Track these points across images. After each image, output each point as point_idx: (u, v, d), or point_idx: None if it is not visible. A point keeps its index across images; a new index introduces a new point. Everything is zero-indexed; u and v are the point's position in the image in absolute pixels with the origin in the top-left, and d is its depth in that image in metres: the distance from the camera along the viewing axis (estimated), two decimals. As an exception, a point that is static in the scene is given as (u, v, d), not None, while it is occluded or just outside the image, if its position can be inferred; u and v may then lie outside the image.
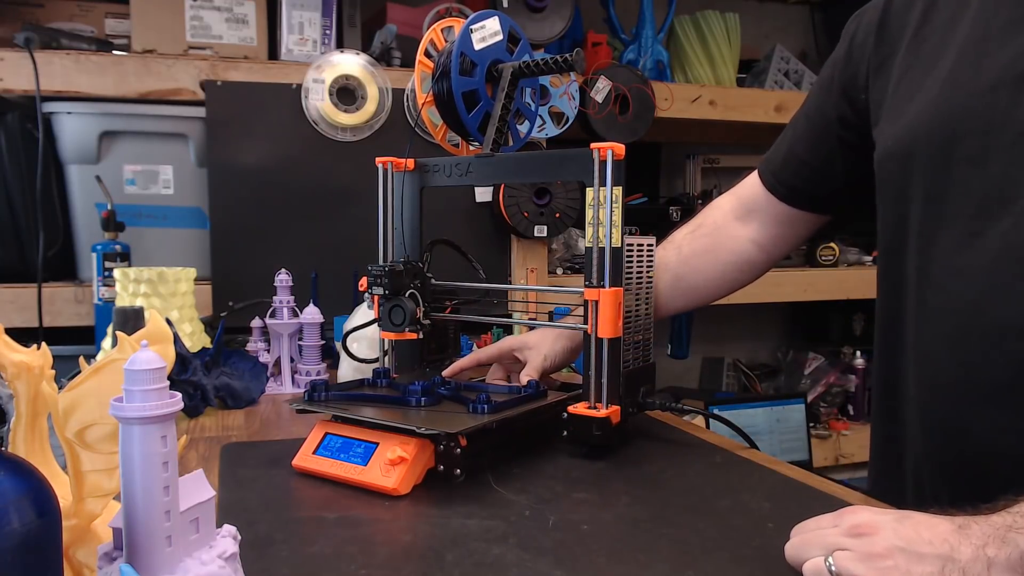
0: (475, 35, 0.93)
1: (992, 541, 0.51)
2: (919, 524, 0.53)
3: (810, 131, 0.93)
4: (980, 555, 0.50)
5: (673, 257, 1.05)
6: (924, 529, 0.53)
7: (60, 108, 1.45)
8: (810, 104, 0.94)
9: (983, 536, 0.51)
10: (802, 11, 2.53)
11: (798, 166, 0.95)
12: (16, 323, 1.41)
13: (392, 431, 0.78)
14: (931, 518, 0.54)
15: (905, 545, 0.52)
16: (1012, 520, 0.51)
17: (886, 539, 0.53)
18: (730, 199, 1.05)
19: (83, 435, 0.51)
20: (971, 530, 0.52)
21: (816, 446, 1.97)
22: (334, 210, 1.56)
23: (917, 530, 0.53)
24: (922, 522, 0.54)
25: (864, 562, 0.52)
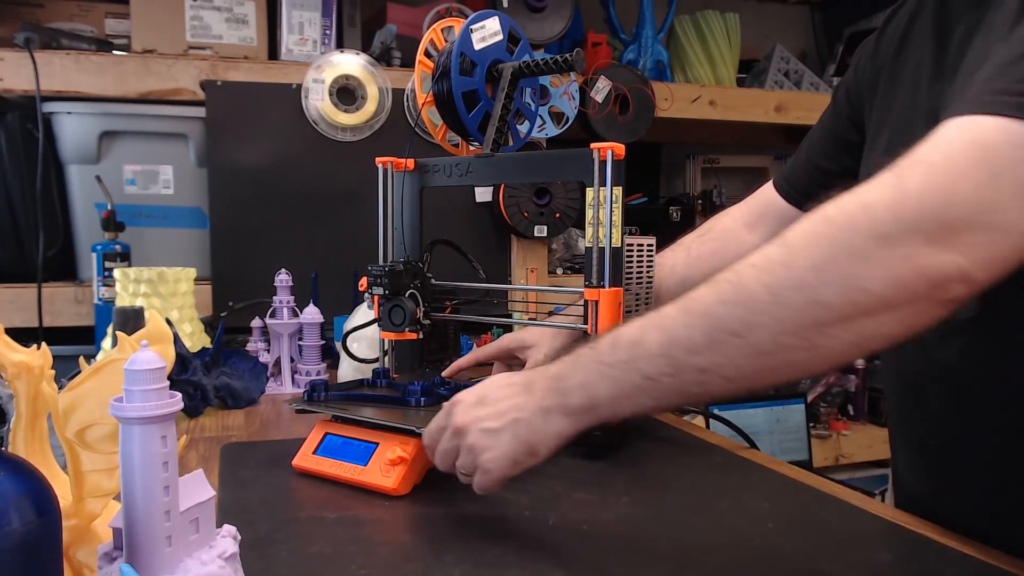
0: (475, 35, 0.93)
1: (548, 394, 0.60)
2: (496, 400, 0.63)
3: (825, 141, 0.93)
4: (538, 407, 0.60)
5: (682, 259, 1.04)
6: (498, 402, 0.63)
7: (60, 108, 1.45)
8: (825, 120, 0.94)
9: (543, 391, 0.61)
10: (802, 11, 2.53)
11: (813, 172, 0.93)
12: (16, 323, 1.41)
13: (392, 431, 0.78)
14: (506, 387, 0.64)
15: (486, 425, 0.62)
16: (560, 369, 0.60)
17: (473, 434, 0.63)
18: (741, 207, 1.04)
19: (83, 435, 0.51)
20: (534, 387, 0.62)
21: (816, 446, 1.97)
22: (334, 210, 1.55)
23: (495, 406, 0.63)
24: (498, 397, 0.63)
25: (469, 457, 0.63)
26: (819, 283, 0.48)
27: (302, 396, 0.87)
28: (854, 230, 0.47)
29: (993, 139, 0.47)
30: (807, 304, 0.48)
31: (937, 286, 0.46)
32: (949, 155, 0.47)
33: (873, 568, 0.61)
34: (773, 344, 0.49)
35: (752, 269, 0.51)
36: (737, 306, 0.50)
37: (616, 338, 0.57)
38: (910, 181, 0.47)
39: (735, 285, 0.51)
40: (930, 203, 0.46)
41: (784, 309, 0.48)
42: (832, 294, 0.47)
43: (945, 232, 0.46)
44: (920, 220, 0.46)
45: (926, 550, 0.64)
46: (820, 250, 0.48)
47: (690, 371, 0.53)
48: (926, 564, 0.62)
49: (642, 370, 0.55)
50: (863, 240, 0.47)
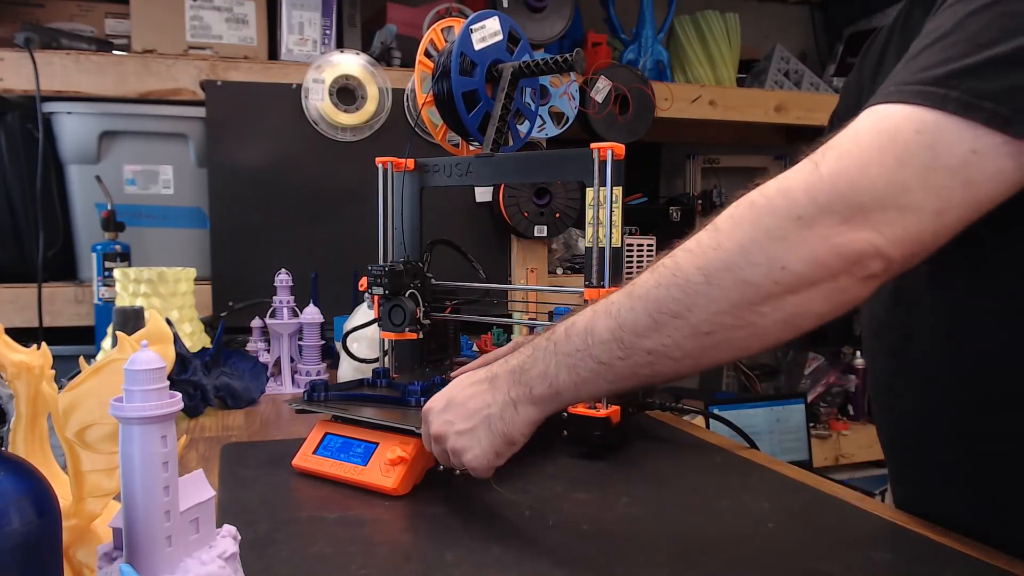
0: (475, 35, 0.93)
1: (512, 387, 0.64)
2: (464, 401, 0.67)
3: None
4: (506, 400, 0.64)
5: None
6: (467, 399, 0.66)
7: (60, 108, 1.45)
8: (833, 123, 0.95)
9: (506, 383, 0.64)
10: (802, 11, 2.53)
11: None
12: (16, 323, 1.41)
13: (392, 431, 0.78)
14: (471, 386, 0.67)
15: (459, 428, 0.66)
16: (521, 362, 0.64)
17: (450, 439, 0.67)
18: None
19: (83, 435, 0.51)
20: (498, 382, 0.65)
21: (816, 446, 1.97)
22: (334, 210, 1.55)
23: (465, 407, 0.66)
24: (465, 398, 0.67)
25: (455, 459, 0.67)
26: (746, 264, 0.51)
27: (302, 396, 0.88)
28: (775, 213, 0.51)
29: (899, 126, 0.50)
30: (737, 284, 0.51)
31: (854, 263, 0.50)
32: (859, 142, 0.51)
33: (873, 568, 0.61)
34: (711, 324, 0.53)
35: (687, 254, 0.54)
36: (675, 288, 0.54)
37: (570, 328, 0.61)
38: (824, 166, 0.50)
39: (672, 270, 0.55)
40: (842, 186, 0.49)
41: (717, 289, 0.52)
42: (758, 274, 0.51)
43: (857, 213, 0.49)
44: (833, 202, 0.49)
45: (926, 550, 0.64)
46: (744, 233, 0.52)
47: (639, 353, 0.56)
48: (926, 564, 0.62)
49: (596, 356, 0.58)
50: (783, 222, 0.50)
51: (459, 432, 0.66)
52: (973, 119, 0.49)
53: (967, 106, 0.49)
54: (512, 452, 0.66)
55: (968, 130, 0.49)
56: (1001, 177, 0.49)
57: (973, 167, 0.49)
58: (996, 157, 0.49)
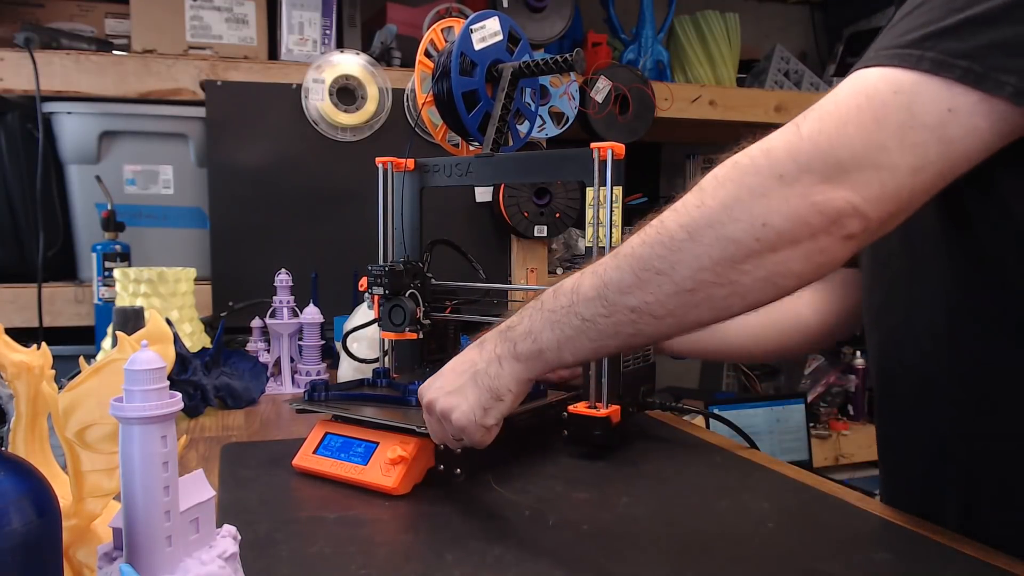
0: (475, 35, 0.93)
1: (498, 343, 0.66)
2: (452, 368, 0.69)
3: None
4: (492, 356, 0.66)
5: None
6: (455, 364, 0.69)
7: (60, 108, 1.45)
8: None
9: (492, 342, 0.66)
10: (802, 11, 2.53)
11: None
12: (16, 323, 1.41)
13: (392, 431, 0.78)
14: (461, 355, 0.70)
15: (448, 388, 0.68)
16: (509, 321, 0.66)
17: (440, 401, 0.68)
18: None
19: (83, 435, 0.51)
20: (485, 342, 0.67)
21: (816, 446, 1.97)
22: (334, 210, 1.56)
23: (453, 370, 0.69)
24: (453, 364, 0.69)
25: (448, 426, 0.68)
26: (728, 220, 0.52)
27: (302, 396, 0.88)
28: (757, 172, 0.52)
29: (876, 87, 0.52)
30: (719, 240, 0.53)
31: (833, 221, 0.51)
32: (839, 103, 0.52)
33: (873, 568, 0.61)
34: (693, 281, 0.54)
35: (672, 213, 0.56)
36: (660, 246, 0.55)
37: (558, 288, 0.62)
38: (805, 127, 0.52)
39: (657, 228, 0.56)
40: (822, 145, 0.51)
41: (700, 246, 0.53)
42: (740, 230, 0.52)
43: (836, 171, 0.50)
44: (813, 161, 0.51)
45: (926, 550, 0.64)
46: (727, 191, 0.53)
47: (623, 311, 0.57)
48: (926, 564, 0.62)
49: (580, 313, 0.60)
50: (764, 180, 0.52)
51: (448, 392, 0.68)
52: (948, 77, 0.50)
53: (942, 64, 0.50)
54: (502, 409, 0.66)
55: (944, 89, 0.50)
56: (976, 135, 0.50)
57: (950, 124, 0.50)
58: (971, 115, 0.50)
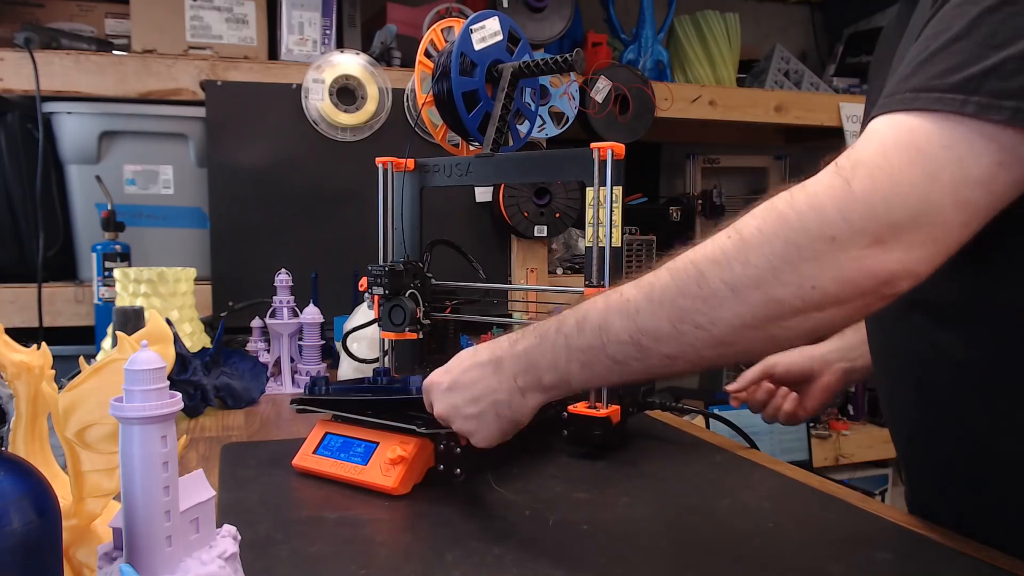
0: (475, 35, 0.93)
1: (520, 374, 0.64)
2: (469, 385, 0.67)
3: None
4: (514, 387, 0.65)
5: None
6: (472, 386, 0.67)
7: (60, 108, 1.45)
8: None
9: (513, 372, 0.65)
10: (802, 11, 2.53)
11: None
12: (16, 323, 1.41)
13: (392, 431, 0.78)
14: (475, 367, 0.67)
15: (466, 412, 0.67)
16: (528, 349, 0.64)
17: (457, 421, 0.68)
18: None
19: (83, 435, 0.51)
20: (503, 366, 0.65)
21: (816, 446, 1.97)
22: (334, 210, 1.56)
23: (470, 391, 0.67)
24: (470, 381, 0.67)
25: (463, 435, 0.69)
26: (776, 282, 0.51)
27: (303, 392, 0.87)
28: (806, 231, 0.50)
29: (926, 140, 0.50)
30: (765, 301, 0.52)
31: (884, 282, 0.50)
32: (888, 156, 0.50)
33: (873, 568, 0.61)
34: (733, 335, 0.53)
35: (713, 265, 0.53)
36: (700, 300, 0.54)
37: (582, 321, 0.60)
38: (856, 184, 0.50)
39: (696, 280, 0.54)
40: (876, 207, 0.49)
41: (743, 305, 0.52)
42: (788, 293, 0.51)
43: (890, 232, 0.49)
44: (867, 223, 0.49)
45: (926, 550, 0.64)
46: (774, 249, 0.51)
47: (657, 356, 0.57)
48: (926, 564, 0.62)
49: (612, 355, 0.58)
50: (814, 242, 0.50)
51: (466, 416, 0.67)
52: (996, 121, 0.49)
53: (989, 107, 0.49)
54: (517, 431, 0.68)
55: (993, 139, 0.49)
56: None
57: (999, 176, 0.49)
58: (1021, 161, 0.49)
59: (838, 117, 2.02)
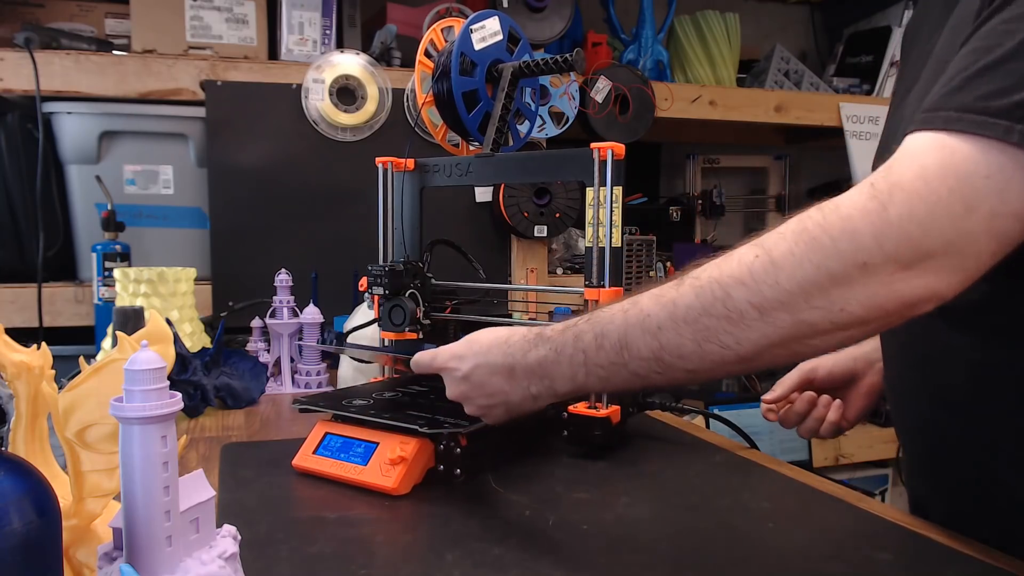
0: (475, 35, 0.93)
1: (533, 382, 0.65)
2: (482, 383, 0.68)
3: None
4: (527, 395, 0.65)
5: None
6: (484, 384, 0.68)
7: (60, 108, 1.45)
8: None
9: (527, 379, 0.65)
10: (802, 11, 2.53)
11: None
12: (16, 323, 1.41)
13: (392, 431, 0.78)
14: (488, 365, 0.67)
15: (478, 403, 0.69)
16: (543, 360, 0.63)
17: (468, 405, 0.70)
18: None
19: (83, 435, 0.51)
20: (516, 375, 0.65)
21: (816, 446, 1.97)
22: (334, 210, 1.56)
23: (482, 389, 0.68)
24: (483, 379, 0.68)
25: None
26: (806, 306, 0.51)
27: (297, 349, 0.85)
28: (839, 257, 0.50)
29: (966, 168, 0.49)
30: (794, 323, 0.52)
31: (910, 306, 0.50)
32: (928, 182, 0.49)
33: (873, 568, 0.61)
34: (758, 353, 0.54)
35: (741, 287, 0.53)
36: (727, 321, 0.53)
37: (600, 337, 0.60)
38: (893, 210, 0.49)
39: (723, 300, 0.53)
40: (913, 235, 0.49)
41: (771, 327, 0.52)
42: (817, 316, 0.51)
43: (921, 259, 0.49)
44: (900, 249, 0.49)
45: (926, 550, 0.64)
46: (806, 274, 0.51)
47: (679, 372, 0.57)
48: (926, 564, 0.62)
49: (633, 371, 0.58)
50: (847, 268, 0.50)
51: (478, 406, 0.70)
52: None
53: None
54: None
55: None
56: None
57: None
58: None
59: (838, 117, 2.02)
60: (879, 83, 2.15)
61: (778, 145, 2.40)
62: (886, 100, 2.18)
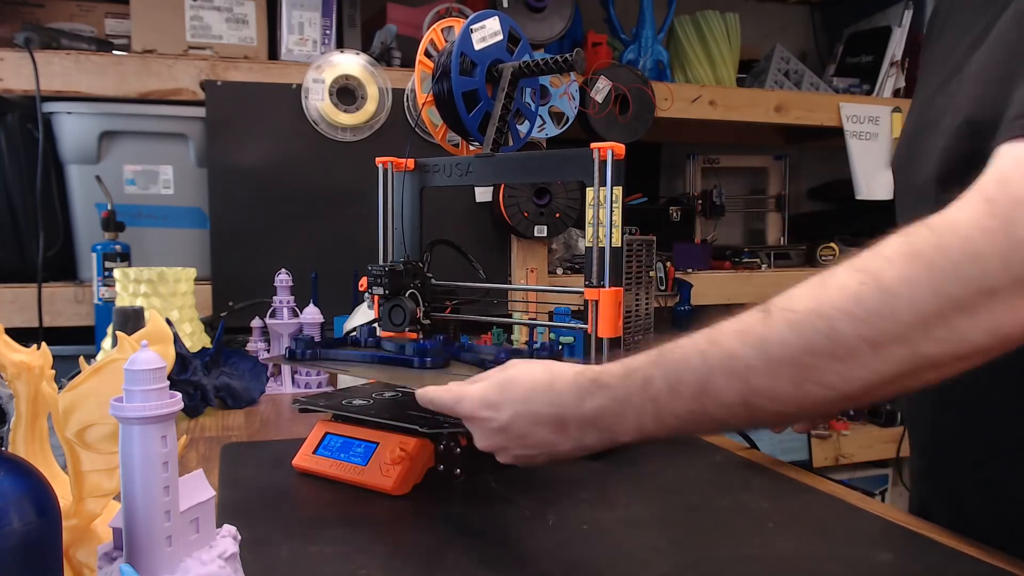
0: (475, 35, 0.93)
1: (588, 433, 0.58)
2: (523, 434, 0.60)
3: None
4: (578, 446, 0.59)
5: None
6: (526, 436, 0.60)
7: (60, 108, 1.45)
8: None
9: (581, 431, 0.58)
10: (802, 11, 2.53)
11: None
12: (16, 323, 1.41)
13: (392, 431, 0.78)
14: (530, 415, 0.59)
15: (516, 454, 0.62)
16: (599, 411, 0.56)
17: (502, 456, 0.63)
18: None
19: (83, 435, 0.51)
20: (567, 427, 0.58)
21: (816, 446, 1.97)
22: (334, 210, 1.56)
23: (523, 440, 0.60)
24: (524, 430, 0.60)
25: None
26: (926, 338, 0.46)
27: (283, 355, 0.84)
28: (964, 282, 0.45)
29: None
30: (911, 357, 0.47)
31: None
32: None
33: (873, 568, 0.61)
34: (866, 392, 0.48)
35: (848, 319, 0.47)
36: (833, 359, 0.47)
37: (676, 384, 0.53)
38: (1020, 229, 0.45)
39: (828, 336, 0.47)
40: None
41: (886, 363, 0.47)
42: (937, 349, 0.46)
43: None
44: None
45: (926, 550, 0.64)
46: (926, 302, 0.46)
47: (768, 415, 0.52)
48: (926, 564, 0.62)
49: (714, 417, 0.52)
50: (972, 294, 0.45)
51: (516, 456, 0.62)
52: None
53: None
54: None
55: None
56: None
57: None
58: None
59: (838, 117, 2.02)
60: (879, 83, 2.15)
61: (778, 145, 2.40)
62: (886, 100, 2.19)
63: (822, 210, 2.55)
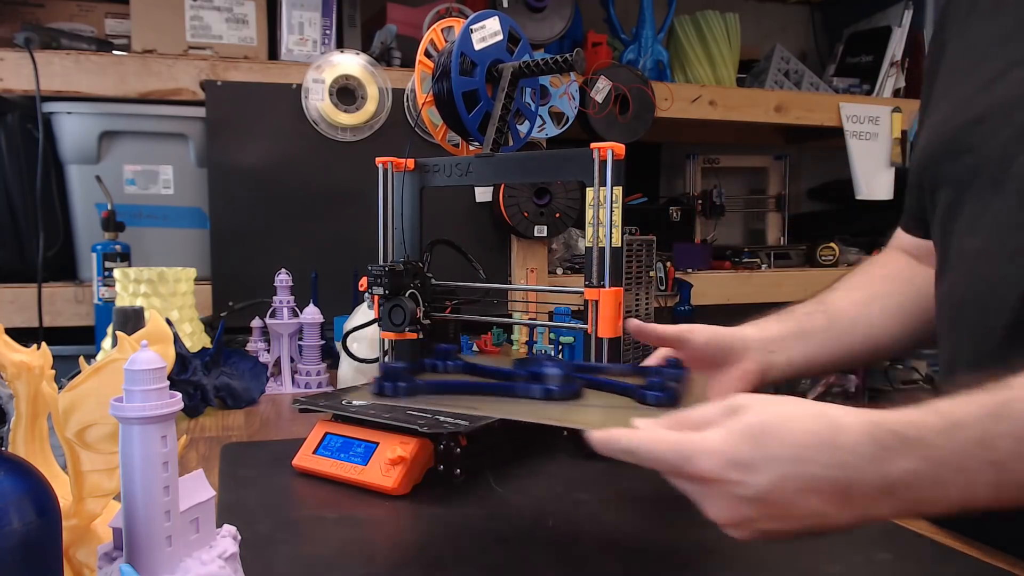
0: (475, 35, 0.93)
1: (884, 503, 0.45)
2: (790, 502, 0.46)
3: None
4: (865, 516, 0.46)
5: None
6: (791, 503, 0.45)
7: (60, 108, 1.45)
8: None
9: (875, 499, 0.45)
10: (802, 11, 2.53)
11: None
12: (16, 323, 1.41)
13: (392, 431, 0.78)
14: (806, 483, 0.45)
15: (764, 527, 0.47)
16: (912, 475, 0.44)
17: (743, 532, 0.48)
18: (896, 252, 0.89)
19: (83, 435, 0.51)
20: (854, 497, 0.45)
21: (816, 446, 1.97)
22: (334, 210, 1.56)
23: (787, 507, 0.46)
24: (789, 497, 0.45)
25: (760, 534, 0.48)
26: None
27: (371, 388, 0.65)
28: None
29: None
30: None
31: None
32: None
33: (873, 568, 0.61)
34: None
35: None
36: None
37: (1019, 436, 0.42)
38: None
39: None
40: None
41: None
42: None
43: None
44: None
45: (926, 550, 0.64)
46: None
47: None
48: (926, 564, 0.62)
49: None
50: None
51: (763, 531, 0.47)
52: None
53: None
54: None
55: None
56: None
57: None
58: None
59: (838, 117, 2.02)
60: (879, 83, 2.15)
61: (778, 145, 2.40)
62: (886, 100, 2.19)
63: (822, 210, 2.55)
